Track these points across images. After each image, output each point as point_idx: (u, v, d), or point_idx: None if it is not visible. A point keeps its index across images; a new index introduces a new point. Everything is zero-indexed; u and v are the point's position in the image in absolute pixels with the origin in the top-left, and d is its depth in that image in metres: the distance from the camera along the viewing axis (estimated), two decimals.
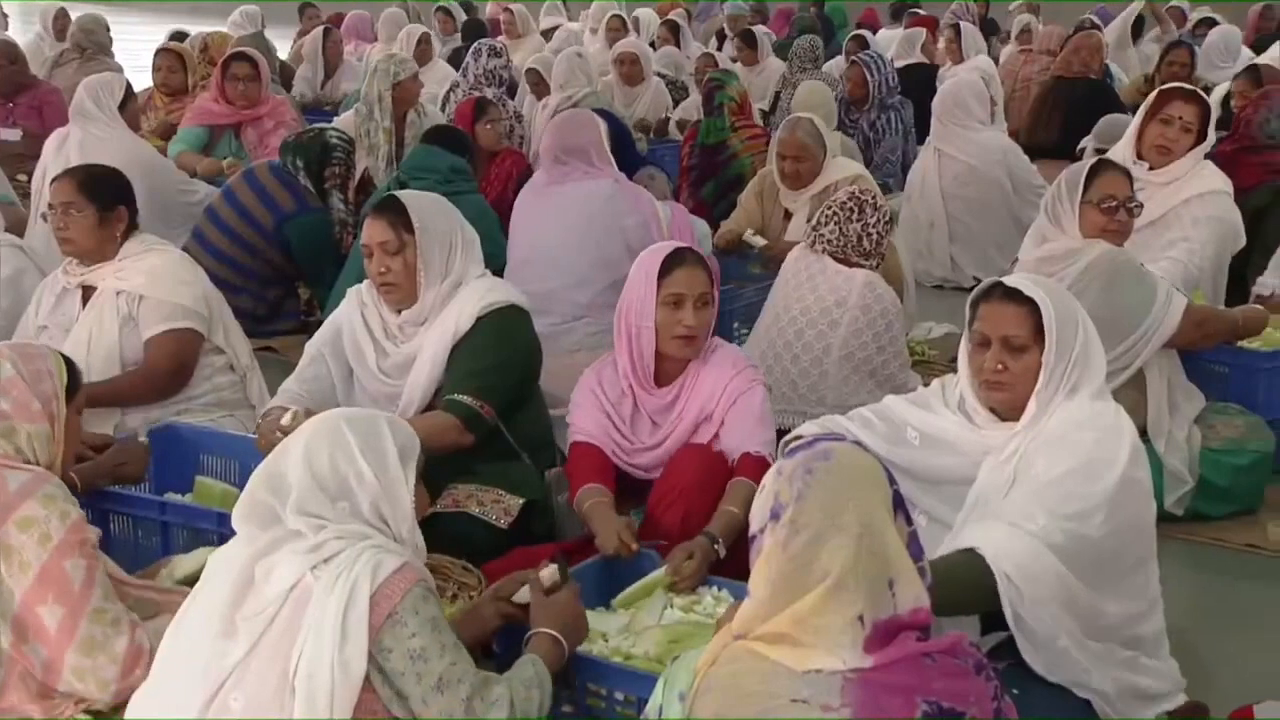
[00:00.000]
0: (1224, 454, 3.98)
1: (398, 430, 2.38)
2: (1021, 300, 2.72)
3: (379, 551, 2.25)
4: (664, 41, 10.70)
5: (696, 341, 3.34)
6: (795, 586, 1.92)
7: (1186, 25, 11.72)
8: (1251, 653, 3.22)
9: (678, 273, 3.31)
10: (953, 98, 6.85)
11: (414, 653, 2.21)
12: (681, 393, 3.37)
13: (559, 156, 5.10)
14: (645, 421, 3.41)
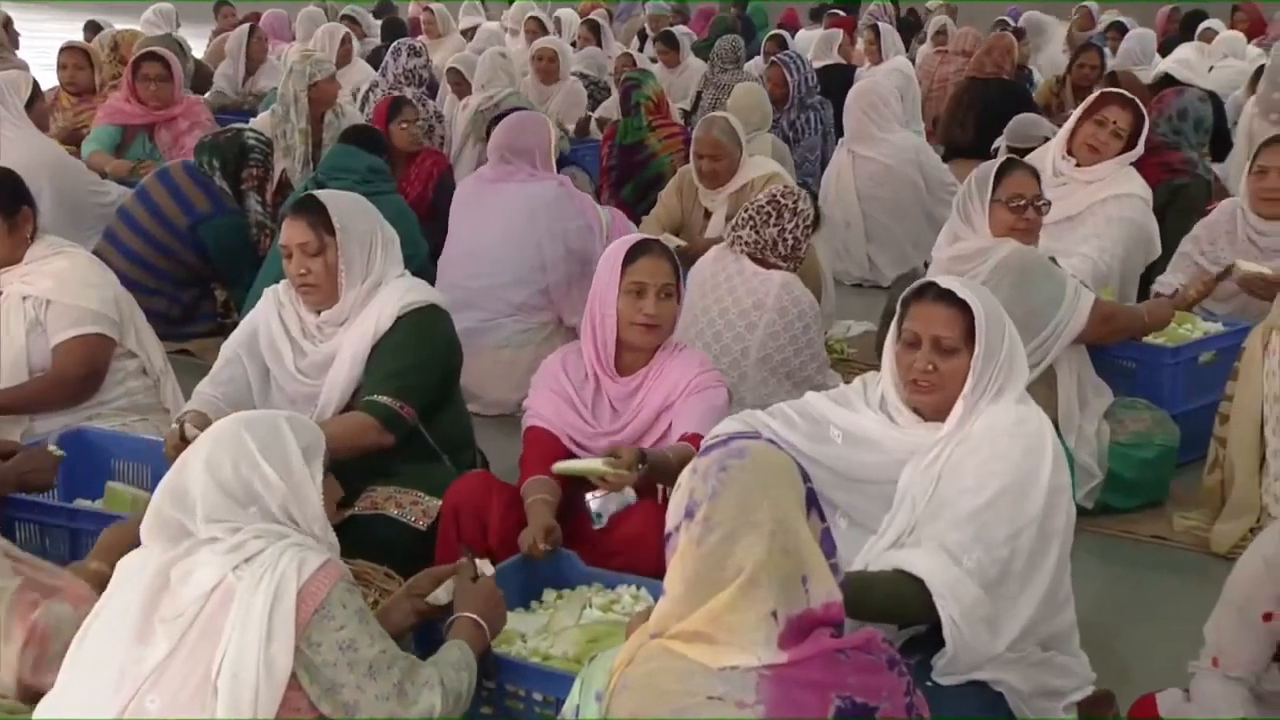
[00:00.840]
0: (1131, 448, 4.06)
1: (299, 429, 2.36)
2: (954, 302, 2.73)
3: (301, 549, 2.24)
4: (585, 41, 10.69)
5: (657, 331, 3.34)
6: (710, 584, 1.94)
7: (1097, 28, 11.96)
8: (1157, 642, 3.29)
9: (642, 261, 3.32)
10: (866, 98, 6.91)
11: (343, 643, 2.22)
12: (645, 382, 3.37)
13: (505, 156, 5.14)
14: (606, 407, 3.40)
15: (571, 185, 5.32)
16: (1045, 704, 2.74)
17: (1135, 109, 4.93)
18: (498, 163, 5.16)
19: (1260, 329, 3.76)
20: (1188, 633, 2.67)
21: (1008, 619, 2.62)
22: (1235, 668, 2.55)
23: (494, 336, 4.97)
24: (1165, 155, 5.63)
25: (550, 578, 3.03)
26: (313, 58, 6.59)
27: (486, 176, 5.22)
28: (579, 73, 9.11)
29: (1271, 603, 2.51)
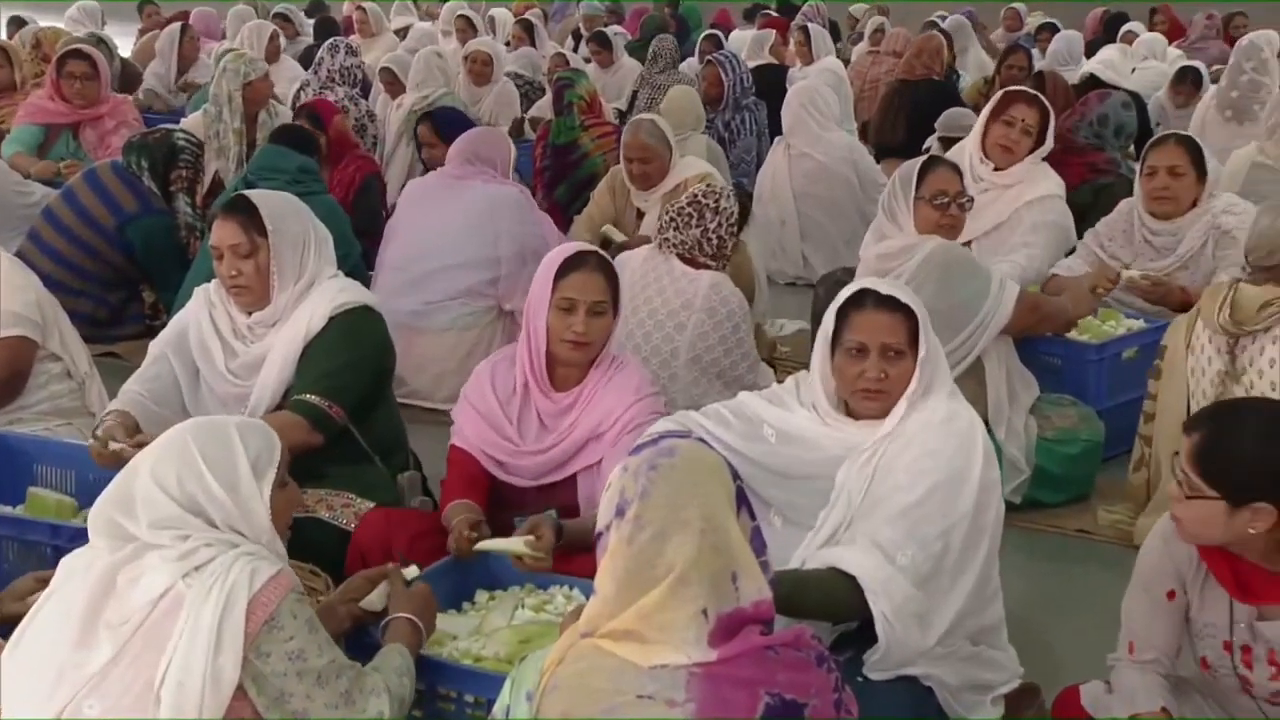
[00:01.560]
0: (1057, 444, 4.12)
1: (251, 438, 2.33)
2: (895, 307, 2.75)
3: (253, 559, 2.23)
4: (519, 41, 10.68)
5: (587, 348, 3.22)
6: (640, 582, 1.95)
7: (1024, 29, 12.14)
8: (1083, 635, 3.34)
9: (573, 276, 3.19)
10: (805, 95, 6.97)
11: (293, 654, 2.22)
12: (577, 403, 3.26)
13: (470, 159, 5.18)
14: (534, 423, 3.29)
15: (532, 198, 5.39)
16: (973, 698, 2.78)
17: (1040, 105, 5.01)
18: (462, 164, 5.19)
19: (1183, 325, 3.80)
20: (1113, 625, 2.71)
21: (938, 614, 2.65)
22: (1149, 651, 2.59)
23: (439, 318, 5.01)
24: (1090, 156, 5.76)
25: (482, 579, 3.02)
26: (247, 57, 6.53)
27: (450, 173, 5.25)
28: (513, 73, 9.09)
29: (1172, 580, 2.56)
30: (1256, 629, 2.47)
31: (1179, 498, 2.41)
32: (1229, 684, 2.55)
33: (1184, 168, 4.71)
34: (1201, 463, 2.37)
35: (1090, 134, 5.81)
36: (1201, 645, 2.57)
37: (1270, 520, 2.33)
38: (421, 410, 4.74)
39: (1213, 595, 2.52)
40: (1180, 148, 4.75)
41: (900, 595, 2.58)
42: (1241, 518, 2.34)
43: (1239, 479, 2.34)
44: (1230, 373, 3.61)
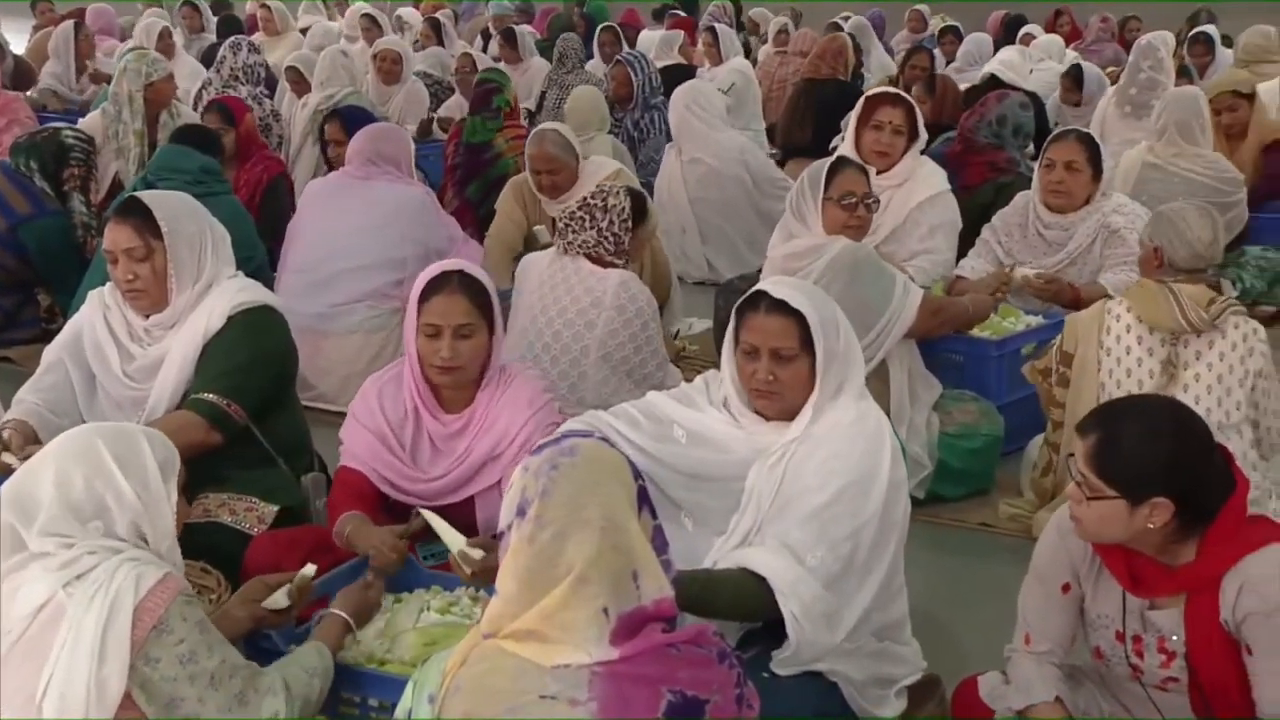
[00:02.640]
0: (959, 438, 4.19)
1: (156, 444, 2.32)
2: (788, 311, 2.75)
3: (137, 564, 2.19)
4: (427, 41, 10.61)
5: (458, 372, 3.13)
6: (542, 582, 1.95)
7: (928, 30, 12.32)
8: (984, 627, 3.38)
9: (435, 301, 3.10)
10: (689, 97, 6.98)
11: (184, 657, 2.18)
12: (470, 425, 3.18)
13: (372, 159, 5.13)
14: (428, 447, 3.21)
15: (436, 199, 5.36)
16: (878, 692, 2.82)
17: (904, 103, 5.10)
18: (364, 163, 5.15)
19: (1092, 329, 3.78)
20: (1013, 616, 2.75)
21: (847, 611, 2.68)
22: (1045, 642, 2.63)
23: (345, 321, 4.99)
24: (990, 155, 5.86)
25: (388, 582, 2.98)
26: (149, 56, 6.40)
27: (352, 173, 5.20)
28: (421, 72, 9.03)
29: (1067, 573, 2.61)
30: (1147, 618, 2.53)
31: (1079, 499, 2.44)
32: (1121, 672, 2.61)
33: (1080, 164, 4.83)
34: (1099, 464, 2.41)
35: (990, 134, 5.91)
36: (1095, 635, 2.63)
37: (1168, 513, 2.38)
38: (327, 413, 4.69)
39: (1106, 587, 2.57)
40: (1079, 144, 4.86)
41: (809, 595, 2.60)
42: (1141, 514, 2.39)
43: (1136, 477, 2.38)
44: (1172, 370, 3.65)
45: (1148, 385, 3.64)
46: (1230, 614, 2.41)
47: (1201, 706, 2.53)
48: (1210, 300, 3.61)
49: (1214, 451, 2.48)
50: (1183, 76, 8.02)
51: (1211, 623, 2.43)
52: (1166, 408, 2.54)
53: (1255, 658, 2.39)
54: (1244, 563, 2.39)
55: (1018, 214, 5.06)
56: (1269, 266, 5.91)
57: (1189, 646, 2.47)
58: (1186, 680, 2.51)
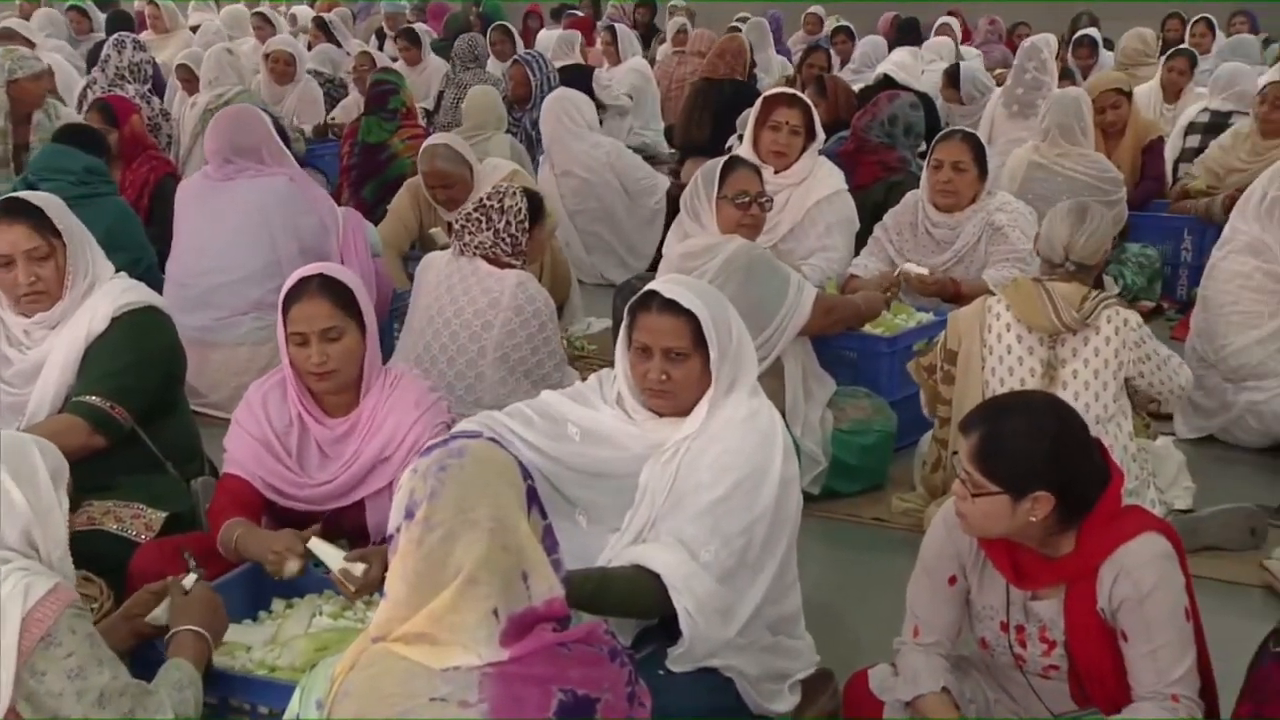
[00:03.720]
0: (853, 434, 4.25)
1: (47, 453, 2.27)
2: (679, 311, 2.75)
3: (26, 574, 2.14)
4: (315, 39, 10.49)
5: (334, 376, 3.08)
6: (431, 584, 1.93)
7: (824, 31, 12.47)
8: (877, 620, 3.42)
9: (297, 308, 3.04)
10: (559, 106, 6.99)
11: (72, 671, 2.14)
12: (356, 428, 3.13)
13: (229, 157, 5.00)
14: (314, 453, 3.16)
15: (305, 178, 5.22)
16: (771, 686, 2.85)
17: (800, 103, 5.17)
18: (221, 163, 5.03)
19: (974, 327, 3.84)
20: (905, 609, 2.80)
21: (741, 606, 2.70)
22: (932, 633, 2.68)
23: (231, 333, 4.91)
24: (882, 154, 5.95)
25: (279, 587, 2.95)
26: (16, 53, 6.21)
27: (211, 175, 5.07)
28: (313, 70, 8.92)
29: (954, 566, 2.66)
30: (1029, 609, 2.58)
31: (964, 496, 2.49)
32: (1005, 661, 2.66)
33: (967, 163, 4.94)
34: (982, 460, 2.46)
35: (882, 133, 6.01)
36: (980, 626, 2.68)
37: (1049, 506, 2.44)
38: (219, 419, 4.61)
39: (990, 579, 2.62)
40: (965, 144, 4.97)
41: (703, 590, 2.62)
42: (1023, 508, 2.44)
43: (1018, 472, 2.43)
44: (1051, 368, 3.73)
45: (1030, 383, 3.72)
46: (1107, 602, 2.47)
47: (1079, 693, 2.60)
48: (1084, 298, 3.70)
49: (1091, 445, 2.54)
50: (1066, 78, 8.21)
51: (1089, 611, 2.49)
52: (1046, 404, 2.60)
53: (1130, 644, 2.45)
54: (1119, 552, 2.46)
55: (908, 213, 5.16)
56: (1148, 264, 6.09)
57: (1068, 635, 2.53)
58: (1066, 668, 2.58)
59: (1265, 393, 4.47)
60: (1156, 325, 5.95)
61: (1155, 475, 3.91)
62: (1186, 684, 2.43)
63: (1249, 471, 3.98)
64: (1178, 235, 6.35)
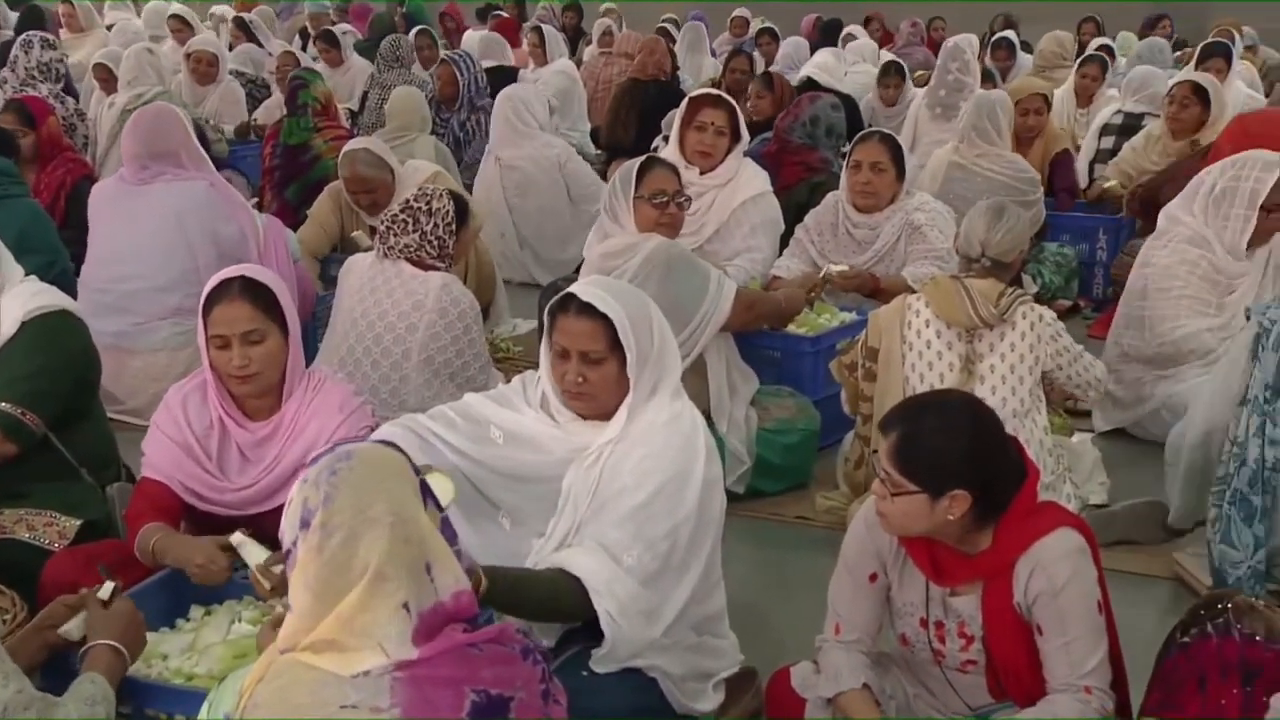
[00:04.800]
0: (777, 434, 4.27)
1: None
2: (596, 314, 2.73)
3: None
4: (237, 39, 10.36)
5: (256, 379, 3.06)
6: (337, 588, 1.91)
7: (749, 34, 12.55)
8: (801, 618, 3.44)
9: (218, 310, 3.02)
10: (510, 104, 6.99)
11: None
12: (278, 431, 3.11)
13: (144, 163, 4.91)
14: (235, 456, 3.13)
15: (225, 184, 5.14)
16: (696, 686, 2.85)
17: (726, 104, 5.21)
18: (139, 168, 4.94)
19: (895, 324, 3.89)
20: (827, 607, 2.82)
21: (665, 607, 2.70)
22: (853, 631, 2.69)
23: (149, 339, 4.84)
24: (805, 155, 6.01)
25: (197, 593, 2.91)
26: None
27: (128, 178, 4.98)
28: (235, 71, 8.82)
29: (874, 563, 2.68)
30: (948, 605, 2.61)
31: (884, 495, 2.50)
32: (924, 657, 2.68)
33: (885, 164, 5.00)
34: (900, 460, 2.48)
35: (804, 134, 6.06)
36: (900, 623, 2.70)
37: (966, 504, 2.46)
38: (137, 426, 4.54)
39: (910, 576, 2.65)
40: (883, 145, 5.03)
41: (626, 594, 2.62)
42: (942, 507, 2.46)
43: (936, 471, 2.45)
44: (970, 362, 3.77)
45: (949, 378, 3.77)
46: (1023, 597, 2.50)
47: (996, 687, 2.63)
48: (1001, 294, 3.76)
49: (1008, 444, 2.57)
50: (985, 80, 8.34)
51: (1006, 607, 2.52)
52: (962, 404, 2.62)
53: (1045, 638, 2.49)
54: (1034, 547, 2.49)
55: (829, 214, 5.21)
56: (1065, 263, 6.19)
57: (986, 630, 2.56)
58: (983, 663, 2.61)
59: (1184, 382, 4.54)
60: (1074, 323, 6.07)
61: (1071, 470, 3.98)
62: (1099, 675, 2.47)
63: (1161, 467, 4.06)
64: (1093, 235, 6.48)
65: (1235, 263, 4.53)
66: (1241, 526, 3.42)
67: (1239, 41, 10.08)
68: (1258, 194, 4.45)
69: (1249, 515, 3.41)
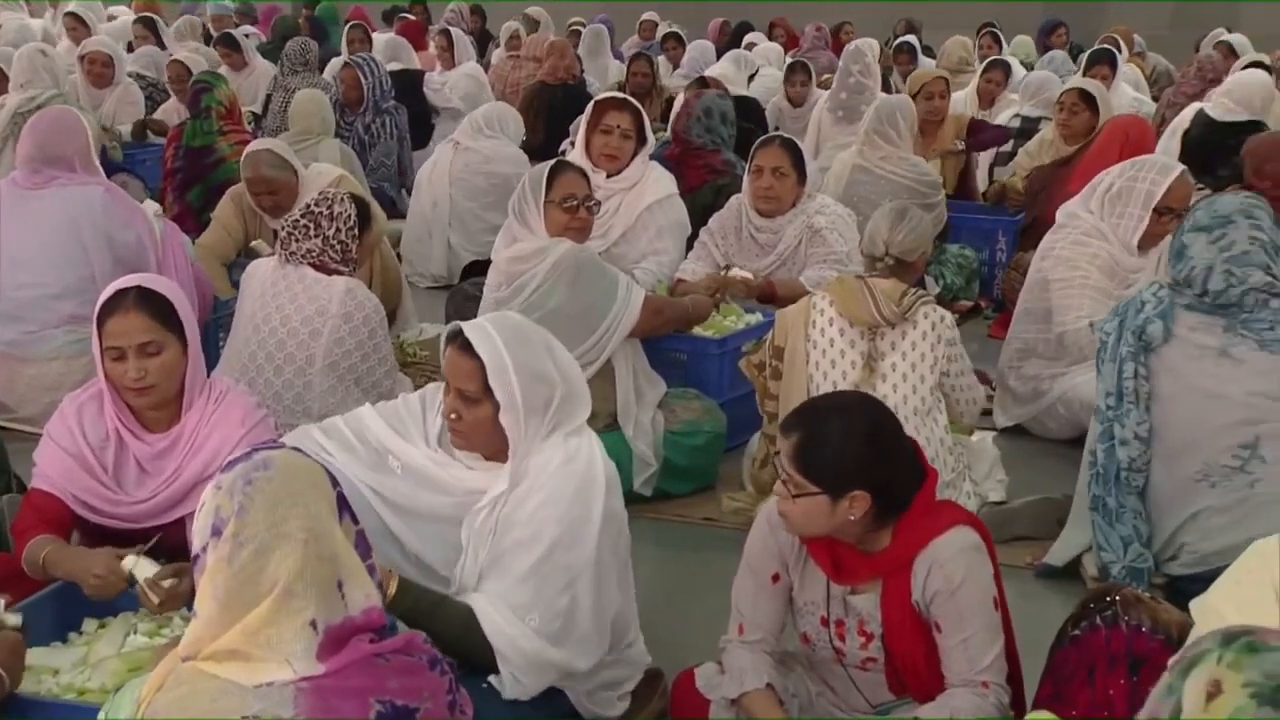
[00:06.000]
0: (683, 436, 4.29)
1: None
2: (474, 353, 2.66)
3: None
4: (141, 41, 10.17)
5: (153, 391, 2.99)
6: (244, 600, 1.90)
7: (656, 37, 12.61)
8: (709, 618, 3.45)
9: (113, 322, 2.96)
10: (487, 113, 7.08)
11: None
12: (178, 444, 3.04)
13: (37, 167, 4.79)
14: (133, 469, 3.06)
15: (121, 192, 5.04)
16: (605, 694, 2.87)
17: (631, 108, 5.25)
18: (30, 173, 4.82)
19: (799, 324, 3.93)
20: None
21: (574, 663, 2.69)
22: (756, 631, 2.72)
23: (44, 347, 4.72)
24: (708, 158, 6.06)
25: (90, 607, 2.85)
26: None
27: (20, 182, 4.86)
28: (135, 73, 8.65)
29: (776, 563, 2.71)
30: (849, 603, 2.64)
31: (786, 497, 2.53)
32: (825, 655, 2.72)
33: (786, 168, 5.07)
34: (801, 462, 2.51)
35: (701, 129, 6.11)
36: (802, 622, 2.73)
37: (866, 504, 2.50)
38: (30, 435, 4.43)
39: (812, 575, 2.67)
40: (783, 150, 5.10)
41: (530, 649, 2.60)
42: (842, 507, 2.49)
43: (836, 472, 2.48)
44: (872, 361, 3.82)
45: (851, 377, 3.82)
46: (921, 595, 2.54)
47: (896, 684, 2.67)
48: (903, 294, 3.83)
49: (906, 444, 2.62)
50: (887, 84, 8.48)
51: (904, 604, 2.56)
52: (862, 405, 2.66)
53: (943, 634, 2.53)
54: (932, 545, 2.53)
55: (732, 217, 5.27)
56: (966, 264, 6.31)
57: (885, 628, 2.60)
58: (883, 660, 2.65)
59: (1084, 374, 4.64)
60: (975, 323, 6.20)
61: (971, 468, 4.06)
62: (995, 670, 2.53)
63: (1057, 463, 4.16)
64: (993, 237, 6.60)
65: (1130, 258, 4.65)
66: (1109, 530, 3.54)
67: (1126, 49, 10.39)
68: (1152, 195, 4.59)
69: (1110, 516, 3.54)
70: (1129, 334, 3.54)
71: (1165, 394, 3.51)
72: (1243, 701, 1.36)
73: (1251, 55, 8.54)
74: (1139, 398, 3.51)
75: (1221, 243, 3.48)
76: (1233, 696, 1.37)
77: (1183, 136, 6.91)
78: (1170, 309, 3.53)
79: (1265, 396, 3.42)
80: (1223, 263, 3.46)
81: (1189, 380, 3.49)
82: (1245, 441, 3.43)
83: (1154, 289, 3.61)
